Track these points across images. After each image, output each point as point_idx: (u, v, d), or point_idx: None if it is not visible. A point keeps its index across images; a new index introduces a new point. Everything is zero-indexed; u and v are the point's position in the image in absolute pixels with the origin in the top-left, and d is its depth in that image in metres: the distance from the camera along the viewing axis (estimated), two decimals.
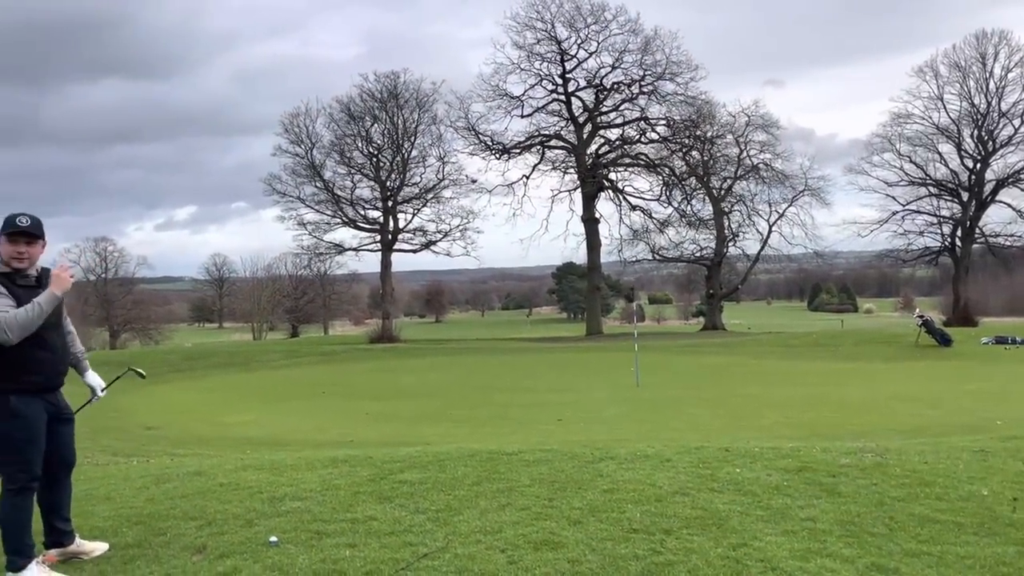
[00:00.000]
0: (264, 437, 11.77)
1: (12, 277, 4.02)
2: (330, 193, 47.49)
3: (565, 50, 47.37)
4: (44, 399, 4.16)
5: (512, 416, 13.86)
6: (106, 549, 4.41)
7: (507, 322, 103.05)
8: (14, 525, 4.02)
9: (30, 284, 4.08)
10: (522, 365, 27.33)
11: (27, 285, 4.06)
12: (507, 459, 6.45)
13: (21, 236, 4.02)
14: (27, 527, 4.09)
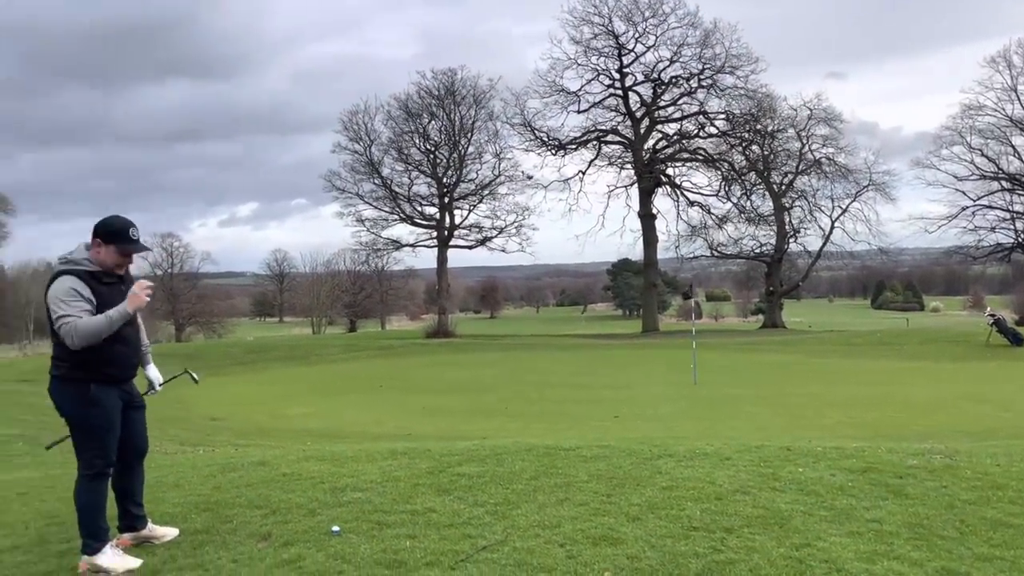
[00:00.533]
0: (324, 429, 11.99)
1: (99, 276, 4.11)
2: (388, 190, 48.05)
3: (623, 44, 47.03)
4: (120, 388, 4.28)
5: (568, 412, 13.84)
6: (176, 534, 4.55)
7: (561, 318, 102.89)
8: (90, 509, 4.18)
9: (113, 281, 4.18)
10: (577, 361, 27.27)
11: (111, 282, 4.16)
12: (564, 454, 6.45)
13: (136, 253, 4.24)
14: (102, 511, 4.23)
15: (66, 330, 3.94)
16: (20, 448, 9.57)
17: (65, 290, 4.00)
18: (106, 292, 4.09)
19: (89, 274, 4.09)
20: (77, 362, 4.07)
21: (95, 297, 4.03)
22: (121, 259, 4.17)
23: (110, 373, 4.19)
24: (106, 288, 4.11)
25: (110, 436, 4.20)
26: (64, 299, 3.98)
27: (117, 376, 4.25)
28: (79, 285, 4.02)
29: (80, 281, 4.03)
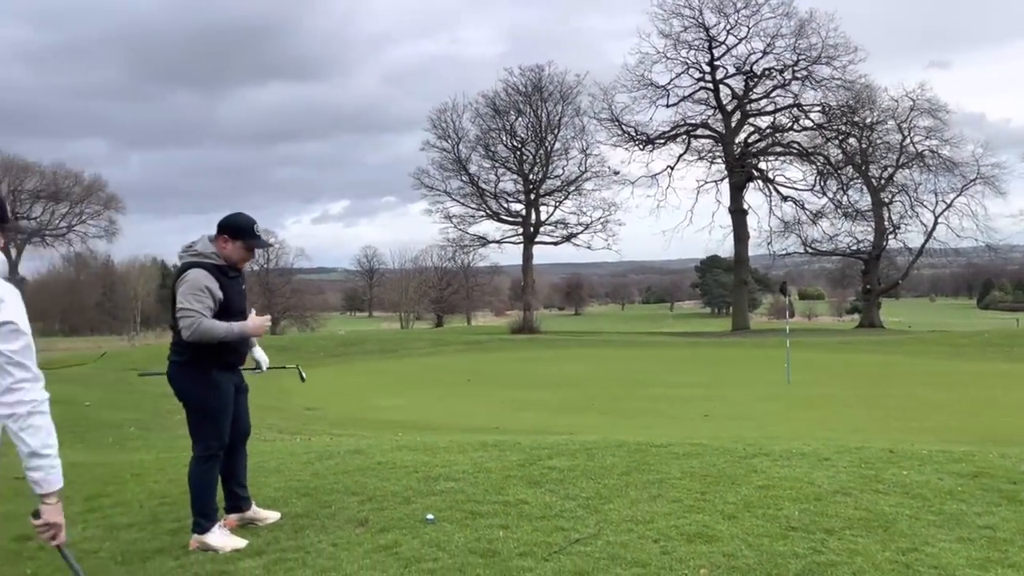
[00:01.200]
0: (414, 421, 12.21)
1: (225, 270, 4.33)
2: (475, 186, 48.51)
3: (713, 37, 46.14)
4: (232, 374, 4.51)
5: (656, 410, 13.69)
6: (278, 518, 4.71)
7: (647, 316, 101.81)
8: (202, 490, 4.38)
9: (236, 275, 4.44)
10: (665, 359, 26.93)
11: (234, 276, 4.41)
12: (656, 451, 6.39)
13: (259, 248, 4.52)
14: (213, 492, 4.44)
15: (187, 323, 4.14)
16: (133, 432, 10.10)
17: (197, 284, 4.18)
18: (229, 286, 4.31)
19: (216, 267, 4.28)
20: (198, 349, 4.25)
21: (222, 290, 4.25)
22: (246, 254, 4.40)
23: (227, 360, 4.41)
24: (230, 282, 4.33)
25: (225, 419, 4.40)
26: (195, 294, 4.16)
27: (232, 362, 4.48)
28: (211, 282, 4.21)
29: (211, 277, 4.23)
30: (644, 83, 47.02)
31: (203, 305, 4.17)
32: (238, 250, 4.35)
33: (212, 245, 4.34)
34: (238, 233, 4.33)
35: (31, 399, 2.57)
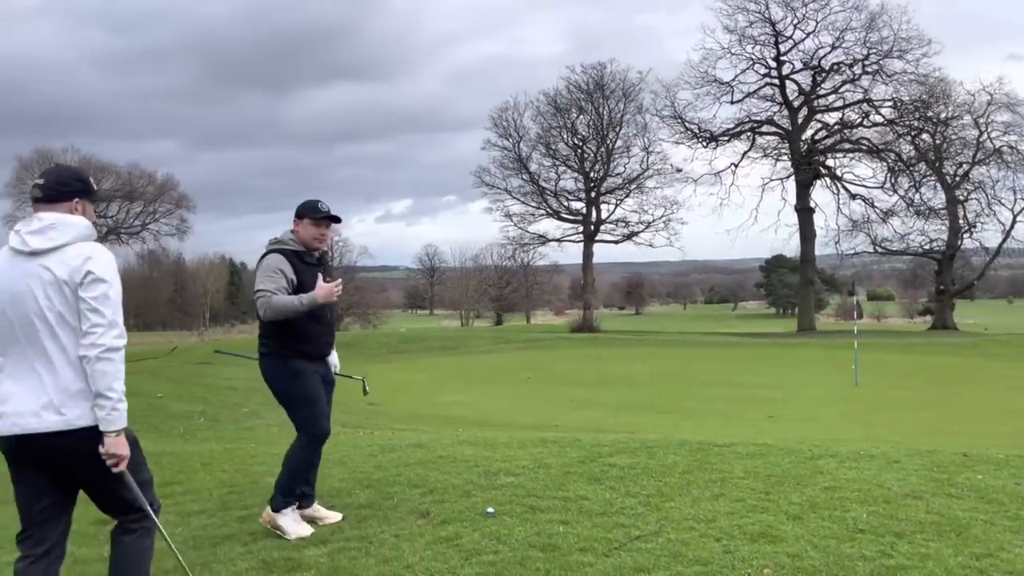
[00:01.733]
0: (474, 417, 12.28)
1: (301, 255, 4.41)
2: (535, 185, 48.48)
3: (780, 31, 45.17)
4: (316, 365, 4.55)
5: (719, 410, 13.50)
6: (339, 519, 4.69)
7: (710, 316, 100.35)
8: (297, 470, 4.52)
9: (313, 263, 4.48)
10: (728, 359, 26.52)
11: (311, 263, 4.46)
12: (718, 450, 6.31)
13: (325, 220, 4.45)
14: (302, 476, 4.58)
15: (261, 302, 4.24)
16: (202, 423, 10.40)
17: (271, 266, 4.32)
18: (305, 271, 4.37)
19: (293, 253, 4.39)
20: (279, 339, 4.40)
21: (296, 275, 4.33)
22: (315, 231, 4.42)
23: (306, 350, 4.46)
24: (306, 268, 4.39)
25: (317, 404, 4.49)
26: (267, 274, 4.29)
27: (313, 353, 4.51)
28: (283, 264, 4.32)
29: (285, 260, 4.34)
30: (708, 80, 46.31)
31: (275, 284, 4.25)
32: (307, 228, 4.41)
33: (291, 234, 4.48)
34: (303, 212, 4.43)
35: (102, 344, 2.80)
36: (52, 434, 2.82)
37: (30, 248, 2.88)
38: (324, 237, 4.47)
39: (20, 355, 2.88)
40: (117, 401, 2.83)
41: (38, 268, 2.85)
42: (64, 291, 2.83)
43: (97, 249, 2.92)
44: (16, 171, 56.94)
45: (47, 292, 2.83)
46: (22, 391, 2.86)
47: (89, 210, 3.07)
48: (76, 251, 2.88)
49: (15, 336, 2.87)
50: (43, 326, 2.84)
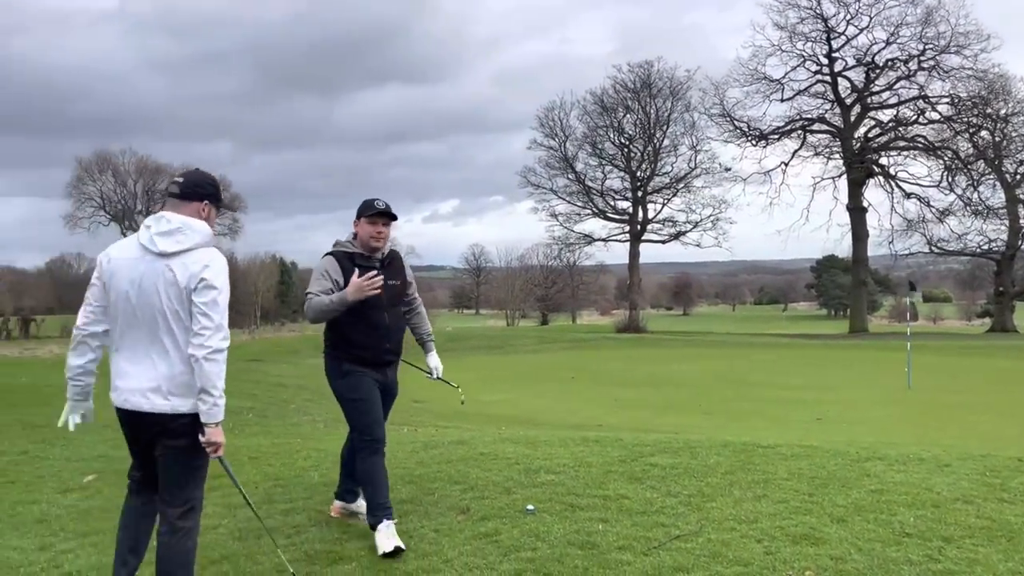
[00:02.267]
0: (517, 415, 12.31)
1: (354, 257, 4.27)
2: (581, 184, 48.41)
3: (832, 28, 44.39)
4: (373, 371, 4.34)
5: (765, 412, 13.31)
6: None
7: (759, 317, 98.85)
8: (368, 482, 4.31)
9: (372, 265, 4.27)
10: (776, 361, 26.12)
11: (369, 265, 4.26)
12: (763, 451, 6.23)
13: (380, 217, 4.25)
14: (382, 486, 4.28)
15: (306, 304, 4.25)
16: (251, 419, 10.59)
17: (319, 269, 4.27)
18: (356, 273, 4.19)
19: (346, 255, 4.28)
20: (333, 342, 4.35)
21: (344, 276, 4.19)
22: (371, 228, 4.24)
23: (359, 355, 4.30)
24: (359, 269, 4.20)
25: (367, 411, 4.29)
26: (315, 277, 4.25)
27: (368, 359, 4.32)
28: (331, 265, 4.23)
29: (334, 261, 4.25)
30: (757, 77, 45.73)
31: (319, 287, 4.19)
32: (363, 227, 4.28)
33: (353, 235, 4.39)
34: (360, 211, 4.32)
35: (209, 345, 3.12)
36: (156, 415, 3.20)
37: (158, 249, 3.20)
38: (381, 235, 4.27)
39: (138, 341, 3.23)
40: (219, 397, 3.14)
41: (163, 268, 3.18)
42: (181, 293, 3.16)
43: (215, 257, 3.24)
44: (76, 172, 58.71)
45: (168, 291, 3.17)
46: (136, 373, 3.22)
47: (213, 214, 3.41)
48: (197, 257, 3.20)
49: (136, 323, 3.22)
50: (162, 321, 3.18)
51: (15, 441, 7.35)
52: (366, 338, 4.28)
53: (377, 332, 4.31)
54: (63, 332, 61.88)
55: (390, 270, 4.33)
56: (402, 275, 4.46)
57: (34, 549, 4.26)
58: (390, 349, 4.38)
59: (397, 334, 4.44)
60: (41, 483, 5.75)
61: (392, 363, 4.45)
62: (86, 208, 58.98)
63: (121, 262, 3.27)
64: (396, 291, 4.39)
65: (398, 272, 4.41)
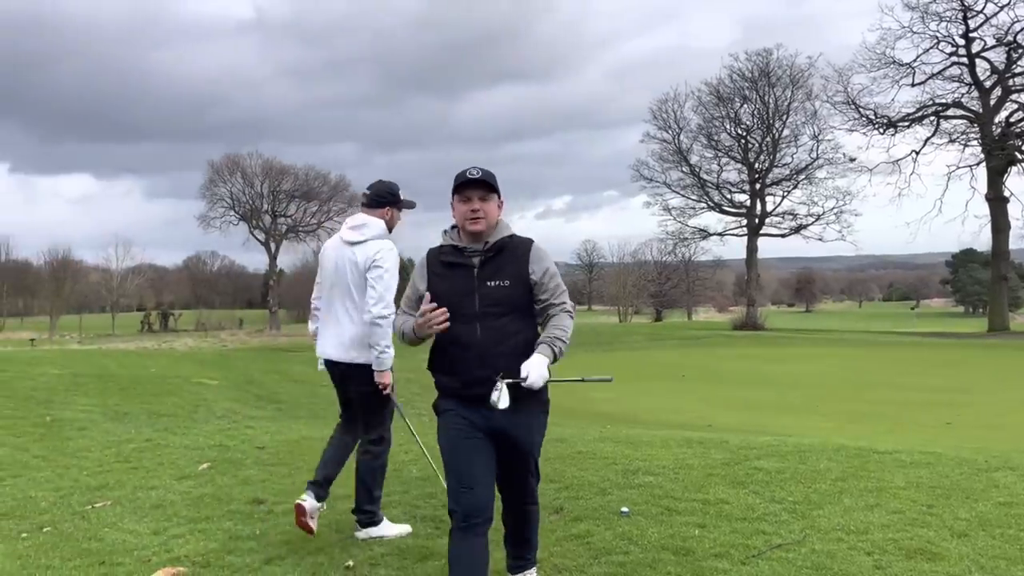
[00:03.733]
0: (622, 413, 12.13)
1: (448, 250, 3.19)
2: (696, 177, 47.35)
3: (969, 6, 41.49)
4: (469, 406, 3.10)
5: (889, 415, 12.58)
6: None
7: (888, 314, 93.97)
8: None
9: (469, 262, 3.14)
10: (905, 361, 24.70)
11: (464, 263, 3.14)
12: (878, 457, 5.87)
13: (473, 189, 3.12)
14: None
15: None
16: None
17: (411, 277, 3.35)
18: (446, 275, 3.16)
19: (438, 250, 3.24)
20: (430, 359, 3.25)
21: (430, 280, 3.19)
22: (464, 208, 3.13)
23: (443, 383, 3.19)
24: (456, 272, 3.14)
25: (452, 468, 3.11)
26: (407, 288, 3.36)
27: (455, 389, 3.13)
28: (419, 270, 3.27)
29: (424, 262, 3.26)
30: (886, 61, 43.30)
31: (405, 301, 3.32)
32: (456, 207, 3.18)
33: None
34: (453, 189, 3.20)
35: (373, 312, 4.11)
36: (344, 364, 4.32)
37: (348, 239, 4.32)
38: (478, 215, 3.10)
39: (333, 308, 4.38)
40: (381, 352, 4.14)
41: (350, 252, 4.29)
42: (360, 272, 4.22)
43: (385, 246, 4.26)
44: (208, 174, 62.18)
45: (352, 270, 4.26)
46: (331, 333, 4.38)
47: (396, 215, 4.49)
48: (373, 246, 4.25)
49: (334, 295, 4.37)
50: (348, 293, 4.29)
51: (141, 429, 7.80)
52: (451, 361, 3.12)
53: (465, 354, 3.08)
54: (198, 325, 65.91)
55: (493, 266, 3.11)
56: (516, 272, 3.12)
57: (148, 533, 4.47)
58: (483, 379, 3.00)
59: (497, 359, 3.03)
60: (161, 470, 6.05)
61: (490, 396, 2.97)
62: (217, 208, 62.38)
63: (328, 250, 4.47)
64: (500, 296, 3.08)
65: (510, 267, 3.12)
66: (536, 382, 2.94)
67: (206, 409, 9.24)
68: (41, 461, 6.33)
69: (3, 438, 7.11)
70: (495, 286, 3.10)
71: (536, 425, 3.26)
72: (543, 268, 3.17)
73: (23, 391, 9.62)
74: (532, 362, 2.96)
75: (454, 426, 3.12)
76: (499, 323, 3.08)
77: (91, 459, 6.41)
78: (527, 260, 3.16)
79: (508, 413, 2.98)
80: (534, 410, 3.20)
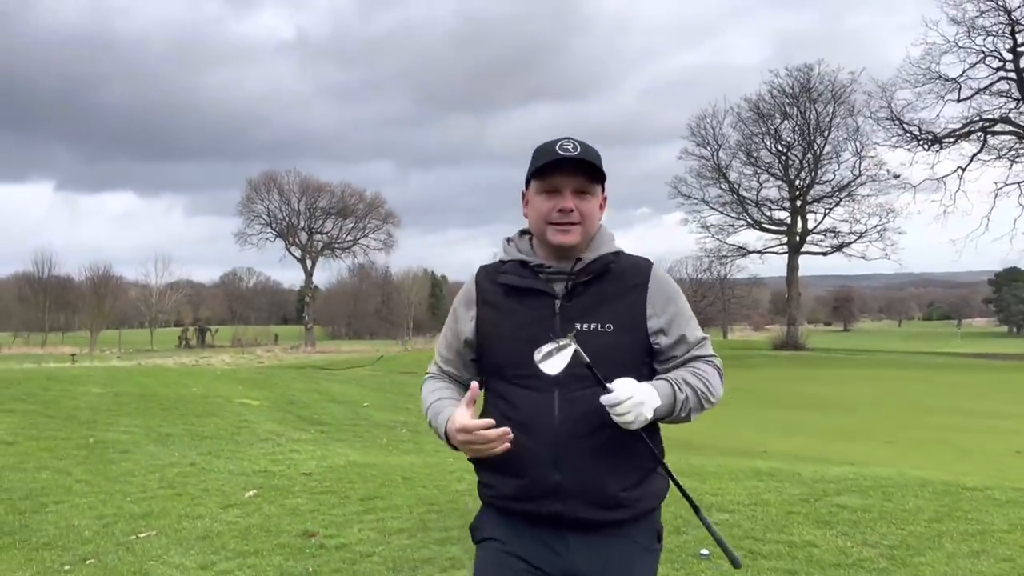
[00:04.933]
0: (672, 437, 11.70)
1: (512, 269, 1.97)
2: (735, 194, 46.74)
3: (1017, 20, 40.49)
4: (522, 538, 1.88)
5: (952, 441, 12.02)
6: None
7: (930, 334, 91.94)
8: None
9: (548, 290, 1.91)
10: (956, 383, 23.92)
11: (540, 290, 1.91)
12: (969, 495, 5.45)
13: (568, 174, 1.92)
14: None
15: None
16: (404, 434, 10.63)
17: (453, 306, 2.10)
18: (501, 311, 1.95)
19: (494, 269, 2.03)
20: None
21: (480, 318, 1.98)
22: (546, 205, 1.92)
23: (492, 486, 1.93)
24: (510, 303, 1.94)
25: None
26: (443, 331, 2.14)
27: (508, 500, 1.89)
28: (461, 302, 2.05)
29: (472, 289, 2.03)
30: (930, 76, 42.35)
31: (438, 352, 2.12)
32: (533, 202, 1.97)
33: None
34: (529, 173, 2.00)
35: None
36: None
37: None
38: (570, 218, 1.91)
39: None
40: None
41: None
42: None
43: None
44: (245, 191, 62.82)
45: None
46: None
47: None
48: None
49: None
50: None
51: (185, 452, 7.60)
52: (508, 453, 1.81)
53: (532, 442, 1.83)
54: (234, 341, 66.44)
55: (588, 298, 1.91)
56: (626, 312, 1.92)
57: (195, 568, 4.22)
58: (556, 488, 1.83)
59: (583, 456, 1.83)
60: (206, 496, 5.82)
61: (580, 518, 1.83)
62: (255, 225, 62.91)
63: None
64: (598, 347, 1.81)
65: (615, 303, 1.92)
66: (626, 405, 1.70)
67: (249, 431, 9.03)
68: (84, 486, 6.13)
69: (46, 461, 6.94)
70: (589, 331, 1.84)
71: (640, 571, 1.91)
72: (673, 308, 1.94)
73: (66, 410, 9.51)
74: (635, 384, 1.74)
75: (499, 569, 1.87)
76: (592, 395, 1.76)
77: (135, 484, 6.20)
78: (644, 293, 1.92)
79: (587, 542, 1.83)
80: (638, 543, 1.91)
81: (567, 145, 1.93)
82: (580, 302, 1.89)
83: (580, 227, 1.92)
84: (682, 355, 1.94)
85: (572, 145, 1.94)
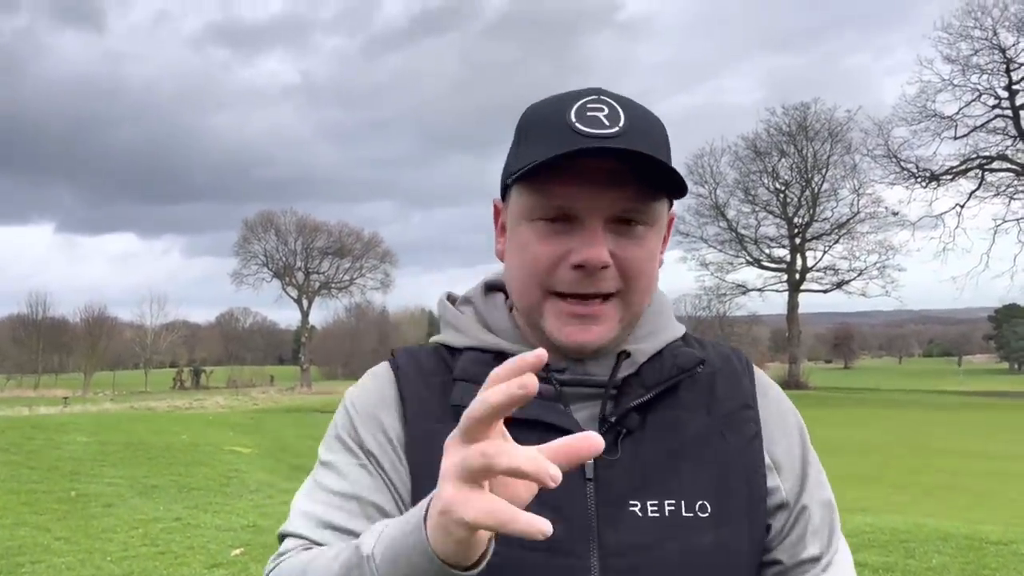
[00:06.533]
0: None
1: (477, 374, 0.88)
2: (734, 232, 46.76)
3: (1011, 59, 40.89)
4: None
5: (965, 486, 11.69)
6: None
7: (931, 371, 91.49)
8: None
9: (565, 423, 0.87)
10: (964, 423, 23.57)
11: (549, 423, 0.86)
12: (994, 549, 5.17)
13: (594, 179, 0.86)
14: None
15: None
16: None
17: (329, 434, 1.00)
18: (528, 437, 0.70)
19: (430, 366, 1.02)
20: None
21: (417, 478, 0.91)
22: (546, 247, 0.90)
23: None
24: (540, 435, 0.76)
25: None
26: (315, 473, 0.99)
27: None
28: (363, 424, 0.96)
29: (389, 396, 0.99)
30: (926, 114, 42.61)
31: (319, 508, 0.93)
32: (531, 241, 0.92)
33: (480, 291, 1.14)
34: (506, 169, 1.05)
35: None
36: None
37: None
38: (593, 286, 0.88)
39: None
40: None
41: None
42: None
43: None
44: (242, 232, 62.78)
45: None
46: None
47: None
48: None
49: None
50: None
51: (170, 505, 7.29)
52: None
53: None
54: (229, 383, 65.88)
55: (655, 445, 0.90)
56: (728, 467, 0.92)
57: None
58: None
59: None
60: (190, 555, 5.53)
61: None
62: (251, 265, 62.73)
63: None
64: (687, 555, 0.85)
65: (705, 450, 0.92)
66: None
67: (239, 482, 8.72)
68: (63, 544, 5.83)
69: (25, 516, 6.64)
70: (662, 518, 0.88)
71: None
72: (799, 449, 1.03)
73: (49, 461, 9.20)
74: None
75: None
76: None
77: (116, 542, 5.90)
78: (757, 425, 0.98)
79: None
80: None
81: (597, 112, 0.88)
82: (640, 452, 0.90)
83: (619, 305, 0.91)
84: (813, 556, 0.94)
85: (608, 111, 0.89)
